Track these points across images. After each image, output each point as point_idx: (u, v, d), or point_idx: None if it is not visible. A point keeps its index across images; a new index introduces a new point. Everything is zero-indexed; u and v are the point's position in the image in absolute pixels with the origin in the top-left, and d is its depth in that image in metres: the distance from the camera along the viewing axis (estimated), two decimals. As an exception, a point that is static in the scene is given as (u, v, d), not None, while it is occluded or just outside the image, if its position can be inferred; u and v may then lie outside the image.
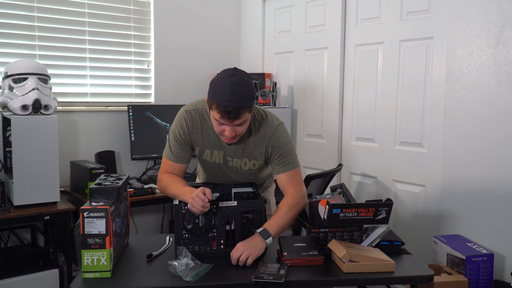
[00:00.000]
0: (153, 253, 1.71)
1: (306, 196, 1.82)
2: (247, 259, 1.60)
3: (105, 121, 3.20)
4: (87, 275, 1.49)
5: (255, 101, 1.71)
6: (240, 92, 1.60)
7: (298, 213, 1.79)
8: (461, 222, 2.40)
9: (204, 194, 1.61)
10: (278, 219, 1.73)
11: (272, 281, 1.48)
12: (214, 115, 1.65)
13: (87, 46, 3.13)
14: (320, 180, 2.74)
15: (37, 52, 2.94)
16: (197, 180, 2.19)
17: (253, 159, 1.85)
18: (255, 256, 1.62)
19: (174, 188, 1.77)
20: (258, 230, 1.68)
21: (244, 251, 1.61)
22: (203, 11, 3.62)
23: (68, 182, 2.95)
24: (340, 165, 2.97)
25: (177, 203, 1.68)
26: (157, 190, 2.83)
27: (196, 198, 1.61)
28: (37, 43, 2.93)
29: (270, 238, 1.67)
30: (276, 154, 1.81)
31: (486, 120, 2.28)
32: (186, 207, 1.65)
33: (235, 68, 1.68)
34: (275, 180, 2.09)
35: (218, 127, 1.68)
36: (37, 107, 2.38)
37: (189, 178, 3.16)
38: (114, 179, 1.71)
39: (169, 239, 1.86)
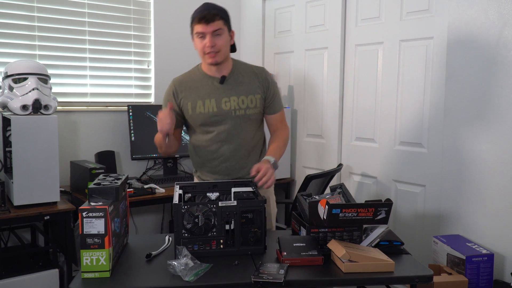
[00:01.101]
0: (153, 252, 1.71)
1: (289, 130, 2.16)
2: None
3: (105, 121, 3.20)
4: (86, 275, 1.49)
5: (230, 24, 1.96)
6: (212, 6, 1.90)
7: (286, 146, 2.10)
8: (461, 222, 2.40)
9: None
10: (278, 149, 2.01)
11: (271, 281, 1.47)
12: (194, 30, 1.90)
13: (87, 46, 3.13)
14: (320, 180, 2.74)
15: (37, 52, 2.94)
16: (195, 179, 2.19)
17: (249, 93, 1.99)
18: (274, 178, 1.86)
19: (156, 137, 2.02)
20: (271, 160, 1.90)
21: (272, 174, 1.84)
22: (203, 11, 3.62)
23: (68, 182, 2.95)
24: (340, 165, 2.97)
25: (177, 202, 1.68)
26: (157, 190, 2.83)
27: (158, 118, 1.85)
28: (37, 43, 2.93)
29: (277, 167, 1.94)
30: (272, 93, 2.03)
31: (486, 120, 2.28)
32: (186, 207, 1.65)
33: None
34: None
35: (200, 43, 1.89)
36: (37, 107, 2.38)
37: (189, 177, 3.16)
38: (113, 179, 1.71)
39: (169, 239, 1.86)
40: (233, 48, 2.05)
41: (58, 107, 2.71)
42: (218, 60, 1.92)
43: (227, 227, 1.69)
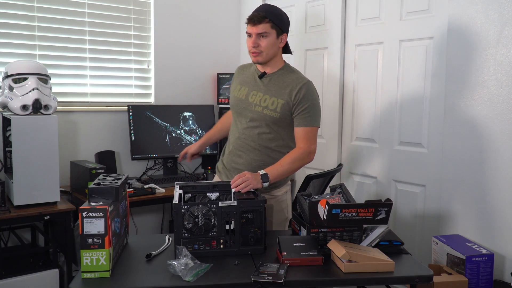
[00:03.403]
0: (153, 252, 1.71)
1: (313, 153, 2.05)
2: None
3: (105, 121, 3.20)
4: (86, 275, 1.50)
5: (281, 27, 2.00)
6: (267, 7, 1.99)
7: (299, 167, 2.06)
8: (461, 222, 2.40)
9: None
10: (279, 167, 1.97)
11: (271, 281, 1.48)
12: (246, 29, 2.00)
13: (87, 46, 3.13)
14: (320, 180, 2.74)
15: (37, 52, 2.94)
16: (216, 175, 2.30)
17: (273, 96, 2.03)
18: (251, 188, 1.84)
19: (215, 125, 2.44)
20: (261, 172, 1.90)
21: (249, 179, 1.84)
22: (203, 11, 3.62)
23: (68, 182, 2.95)
24: (340, 165, 2.97)
25: (177, 202, 1.68)
26: (157, 190, 2.83)
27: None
28: (37, 43, 2.93)
29: (267, 183, 1.90)
30: (301, 107, 2.00)
31: (486, 120, 2.28)
32: (186, 207, 1.65)
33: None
34: (291, 180, 2.33)
35: (248, 42, 2.01)
36: (37, 107, 2.38)
37: (189, 178, 3.16)
38: (113, 179, 1.71)
39: (169, 239, 1.86)
40: (287, 50, 2.13)
41: (58, 107, 2.70)
42: (260, 60, 2.02)
43: (227, 227, 1.70)
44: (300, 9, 3.35)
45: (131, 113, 3.13)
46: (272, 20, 1.96)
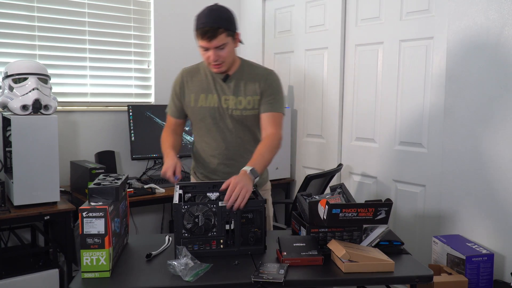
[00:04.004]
0: (153, 252, 1.71)
1: (281, 140, 1.97)
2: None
3: (105, 121, 3.20)
4: (86, 275, 1.49)
5: (234, 29, 1.89)
6: (215, 14, 1.83)
7: (275, 155, 1.93)
8: (461, 222, 2.40)
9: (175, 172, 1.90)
10: (260, 158, 1.86)
11: (271, 281, 1.47)
12: (198, 42, 1.88)
13: (87, 46, 3.13)
14: (320, 180, 2.74)
15: (37, 52, 2.94)
16: (192, 179, 2.19)
17: (247, 95, 1.97)
18: (250, 191, 1.70)
19: (162, 147, 2.07)
20: (248, 169, 1.76)
21: (242, 188, 1.66)
22: (203, 11, 3.62)
23: (68, 182, 2.95)
24: (340, 165, 2.97)
25: (177, 202, 1.68)
26: (157, 190, 2.83)
27: (164, 174, 1.91)
28: (37, 43, 2.94)
29: (258, 178, 1.80)
30: (268, 94, 1.97)
31: (486, 120, 2.28)
32: (186, 207, 1.65)
33: (216, 4, 1.89)
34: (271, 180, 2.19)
35: (204, 55, 1.89)
36: (37, 107, 2.38)
37: (189, 177, 3.15)
38: (113, 179, 1.71)
39: (169, 239, 1.86)
40: (241, 42, 2.03)
41: (58, 107, 2.71)
42: (223, 69, 1.94)
43: (227, 227, 1.69)
44: (300, 9, 3.35)
45: (131, 113, 3.13)
46: (226, 28, 1.84)
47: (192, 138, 3.28)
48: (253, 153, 1.94)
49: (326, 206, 1.66)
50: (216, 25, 1.82)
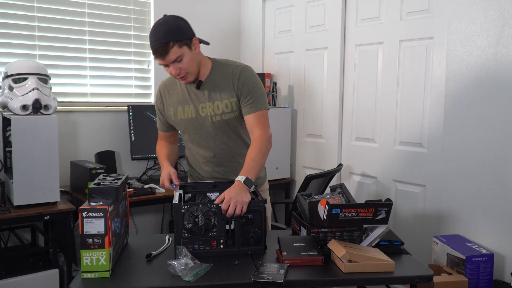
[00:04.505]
0: (153, 252, 1.71)
1: (271, 138, 1.91)
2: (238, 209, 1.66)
3: (105, 121, 3.20)
4: (86, 275, 1.49)
5: (186, 36, 1.79)
6: (162, 29, 1.75)
7: (267, 156, 1.88)
8: (461, 222, 2.40)
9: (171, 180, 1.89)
10: (253, 164, 1.81)
11: (271, 281, 1.47)
12: (158, 61, 1.82)
13: (87, 46, 3.13)
14: (320, 180, 2.74)
15: (37, 52, 2.94)
16: (189, 180, 2.19)
17: (224, 98, 1.90)
18: (247, 204, 1.67)
19: (158, 159, 2.07)
20: (242, 179, 1.73)
21: (237, 203, 1.64)
22: (203, 11, 3.62)
23: (68, 182, 2.95)
24: (340, 165, 2.97)
25: (177, 202, 1.68)
26: (157, 190, 2.83)
27: (162, 184, 1.91)
28: (37, 43, 2.93)
29: (253, 186, 1.76)
30: (245, 93, 1.88)
31: (486, 120, 2.28)
32: (186, 207, 1.65)
33: (164, 15, 1.83)
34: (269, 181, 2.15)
35: (167, 71, 1.84)
36: (37, 107, 2.38)
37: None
38: (113, 179, 1.71)
39: (169, 239, 1.86)
40: (205, 43, 1.94)
41: (58, 107, 2.70)
42: (191, 79, 1.86)
43: (227, 227, 1.69)
44: (300, 9, 3.35)
45: (131, 113, 3.13)
46: (177, 40, 1.75)
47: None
48: (244, 155, 1.91)
49: (326, 206, 1.66)
50: (165, 40, 1.74)
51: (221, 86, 1.90)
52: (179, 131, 2.10)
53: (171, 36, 1.74)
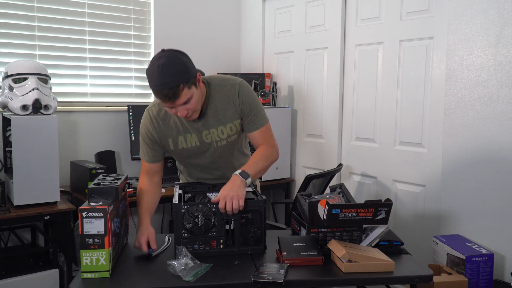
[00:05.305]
0: (153, 252, 1.71)
1: (278, 150, 1.89)
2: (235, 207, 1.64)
3: (105, 121, 3.20)
4: (86, 275, 1.49)
5: (193, 75, 1.64)
6: (168, 71, 1.57)
7: (270, 165, 1.85)
8: (461, 222, 2.40)
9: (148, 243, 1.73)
10: (254, 164, 1.77)
11: (271, 281, 1.47)
12: (160, 102, 1.67)
13: (87, 46, 3.13)
14: (320, 180, 2.74)
15: (37, 52, 2.94)
16: (181, 179, 2.15)
17: (228, 122, 1.81)
18: (243, 198, 1.64)
19: (137, 205, 1.97)
20: (237, 172, 1.70)
21: (232, 199, 1.62)
22: (203, 11, 3.62)
23: (68, 182, 2.95)
24: (340, 165, 2.97)
25: (177, 202, 1.68)
26: (157, 190, 2.82)
27: (138, 247, 1.75)
28: (37, 43, 2.93)
29: (250, 179, 1.70)
30: (247, 112, 1.81)
31: (486, 120, 2.28)
32: (186, 207, 1.65)
33: (162, 50, 1.63)
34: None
35: (171, 111, 1.69)
36: (37, 107, 2.38)
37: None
38: (113, 179, 1.71)
39: (169, 239, 1.87)
40: (202, 74, 1.82)
41: (58, 107, 2.70)
42: (196, 117, 1.74)
43: (227, 227, 1.69)
44: (300, 9, 3.35)
45: (131, 113, 3.13)
46: (185, 82, 1.59)
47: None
48: (241, 157, 1.91)
49: (326, 206, 1.66)
50: (174, 83, 1.57)
51: (222, 110, 1.80)
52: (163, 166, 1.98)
53: (180, 78, 1.58)
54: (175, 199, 1.74)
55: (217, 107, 1.79)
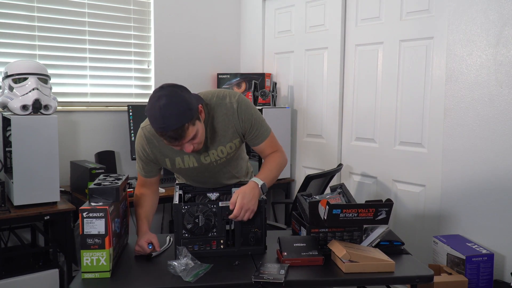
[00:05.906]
0: (153, 253, 1.71)
1: (285, 155, 1.90)
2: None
3: (105, 121, 3.20)
4: (86, 276, 1.49)
5: (195, 110, 1.58)
6: (171, 112, 1.50)
7: (281, 172, 1.86)
8: (461, 222, 2.40)
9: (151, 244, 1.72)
10: (269, 173, 1.78)
11: (272, 281, 1.48)
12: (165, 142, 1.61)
13: (87, 46, 3.13)
14: (320, 180, 2.74)
15: (37, 52, 2.94)
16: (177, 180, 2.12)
17: (228, 142, 1.76)
18: (254, 212, 1.66)
19: (136, 212, 1.93)
20: (259, 183, 1.70)
21: (247, 211, 1.64)
22: (203, 11, 3.62)
23: (68, 182, 2.95)
24: (340, 165, 2.97)
25: (177, 203, 1.68)
26: (157, 190, 2.82)
27: (139, 250, 1.73)
28: (37, 43, 2.93)
29: (263, 195, 1.73)
30: (249, 128, 1.76)
31: (486, 120, 2.28)
32: (186, 207, 1.65)
33: (161, 87, 1.56)
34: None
35: (176, 148, 1.63)
36: (37, 107, 2.38)
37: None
38: (113, 179, 1.71)
39: (169, 239, 1.87)
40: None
41: (58, 107, 2.70)
42: (201, 147, 1.69)
43: (227, 227, 1.70)
44: (300, 9, 3.35)
45: (131, 113, 3.13)
46: (189, 120, 1.53)
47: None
48: (239, 162, 1.90)
49: (327, 207, 1.66)
50: (179, 123, 1.51)
51: (221, 130, 1.74)
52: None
53: (184, 117, 1.52)
54: (176, 200, 1.74)
55: (216, 128, 1.74)
